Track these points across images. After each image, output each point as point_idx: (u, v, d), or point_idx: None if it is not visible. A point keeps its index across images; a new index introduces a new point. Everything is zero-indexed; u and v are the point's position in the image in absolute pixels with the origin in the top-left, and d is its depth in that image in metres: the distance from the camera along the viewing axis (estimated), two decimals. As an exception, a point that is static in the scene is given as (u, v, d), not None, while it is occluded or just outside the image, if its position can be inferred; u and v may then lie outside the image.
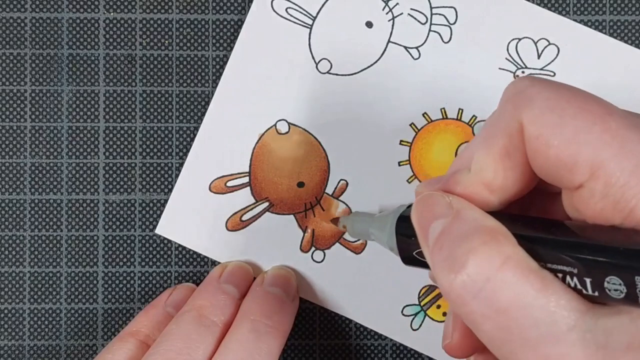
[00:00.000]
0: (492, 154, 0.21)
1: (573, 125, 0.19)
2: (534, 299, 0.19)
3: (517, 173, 0.21)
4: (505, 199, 0.22)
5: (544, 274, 0.19)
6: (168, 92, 0.35)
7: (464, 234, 0.20)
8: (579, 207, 0.20)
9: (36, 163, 0.34)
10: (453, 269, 0.20)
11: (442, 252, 0.21)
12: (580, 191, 0.19)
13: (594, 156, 0.19)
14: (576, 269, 0.19)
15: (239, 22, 0.35)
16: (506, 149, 0.21)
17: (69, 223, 0.34)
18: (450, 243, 0.20)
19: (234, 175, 0.34)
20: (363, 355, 0.35)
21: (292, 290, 0.33)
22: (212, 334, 0.30)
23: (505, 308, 0.19)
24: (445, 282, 0.20)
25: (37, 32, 0.35)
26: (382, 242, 0.28)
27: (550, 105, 0.20)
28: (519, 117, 0.20)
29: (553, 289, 0.19)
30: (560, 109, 0.19)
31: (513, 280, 0.19)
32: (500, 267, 0.19)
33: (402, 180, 0.34)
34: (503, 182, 0.21)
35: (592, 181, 0.19)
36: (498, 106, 0.22)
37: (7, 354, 0.34)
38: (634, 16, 0.34)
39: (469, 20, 0.34)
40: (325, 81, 0.34)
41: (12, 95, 0.34)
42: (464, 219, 0.21)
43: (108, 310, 0.35)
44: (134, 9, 0.35)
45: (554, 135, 0.19)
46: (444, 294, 0.20)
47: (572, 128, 0.19)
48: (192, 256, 0.35)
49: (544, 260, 0.20)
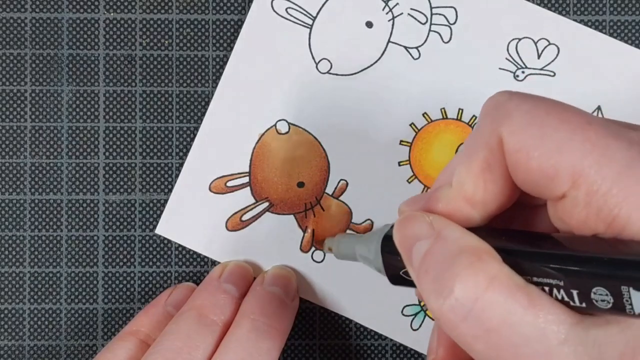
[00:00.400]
0: (472, 168, 0.21)
1: (553, 137, 0.19)
2: (522, 316, 0.19)
3: (499, 186, 0.21)
4: (487, 213, 0.22)
5: (530, 290, 0.19)
6: (168, 92, 0.35)
7: (448, 257, 0.20)
8: (563, 217, 0.20)
9: (36, 163, 0.34)
10: (441, 294, 0.20)
11: (428, 275, 0.21)
12: (564, 201, 0.19)
13: (575, 165, 0.19)
14: (562, 281, 0.19)
15: (239, 22, 0.35)
16: (487, 163, 0.21)
17: (69, 223, 0.34)
18: (435, 266, 0.20)
19: (234, 175, 0.34)
20: (363, 355, 0.35)
21: (292, 290, 0.33)
22: (212, 334, 0.30)
23: (495, 328, 0.19)
24: (434, 307, 0.20)
25: (37, 32, 0.35)
26: (368, 262, 0.27)
27: (529, 118, 0.20)
28: (498, 131, 0.20)
29: (541, 304, 0.19)
30: (540, 121, 0.20)
31: (500, 300, 0.19)
32: (486, 287, 0.19)
33: (402, 180, 0.34)
34: (484, 196, 0.21)
35: (574, 190, 0.19)
36: (477, 121, 0.22)
37: (7, 354, 0.34)
38: (634, 16, 0.35)
39: (469, 20, 0.34)
40: (325, 81, 0.34)
41: (12, 95, 0.34)
42: (446, 239, 0.21)
43: (108, 310, 0.35)
44: (134, 9, 0.35)
45: (535, 147, 0.19)
46: (434, 317, 0.21)
47: (552, 139, 0.19)
48: (192, 256, 0.35)
49: (530, 274, 0.20)
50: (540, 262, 0.19)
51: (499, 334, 0.19)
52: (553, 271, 0.19)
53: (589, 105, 0.34)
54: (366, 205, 0.34)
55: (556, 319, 0.19)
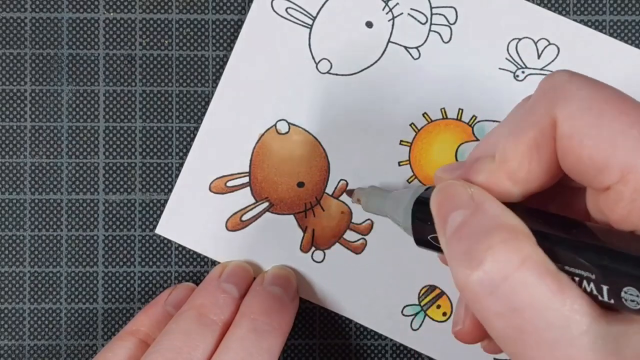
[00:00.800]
0: (520, 146, 0.21)
1: (609, 128, 0.19)
2: (549, 302, 0.19)
3: (543, 167, 0.21)
4: (527, 191, 0.21)
5: (560, 277, 0.19)
6: (168, 92, 0.35)
7: (484, 230, 0.20)
8: (604, 209, 0.20)
9: (36, 163, 0.34)
10: (470, 265, 0.20)
11: (460, 245, 0.20)
12: (608, 193, 0.19)
13: (627, 160, 0.19)
14: (594, 274, 0.19)
15: (239, 22, 0.35)
16: (535, 142, 0.20)
17: (69, 223, 0.34)
18: (469, 237, 0.20)
19: (234, 175, 0.34)
20: (363, 355, 0.35)
21: (292, 290, 0.33)
22: (211, 333, 0.30)
23: (520, 308, 0.19)
24: (461, 276, 0.20)
25: (37, 32, 0.35)
26: (396, 220, 0.27)
27: (588, 105, 0.19)
28: (553, 113, 0.20)
29: (569, 292, 0.19)
30: (598, 109, 0.19)
31: (530, 281, 0.19)
32: (518, 266, 0.19)
33: (402, 180, 0.34)
34: (527, 174, 0.21)
35: (622, 185, 0.19)
36: (532, 97, 0.21)
37: (7, 354, 0.34)
38: (634, 16, 0.35)
39: (469, 20, 0.34)
40: (325, 81, 0.34)
41: (12, 95, 0.35)
42: (484, 213, 0.21)
43: (108, 310, 0.35)
44: (133, 9, 0.35)
45: (589, 135, 0.19)
46: (458, 287, 0.20)
47: (608, 130, 0.19)
48: (192, 256, 0.35)
49: (562, 262, 0.20)
50: (574, 251, 0.19)
51: (522, 315, 0.19)
52: (587, 263, 0.19)
53: (589, 105, 0.34)
54: (366, 205, 0.34)
55: (581, 309, 0.19)
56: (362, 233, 0.34)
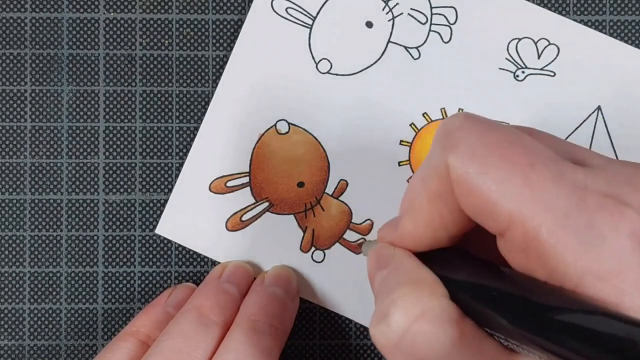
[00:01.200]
0: (426, 196, 0.21)
1: (493, 175, 0.19)
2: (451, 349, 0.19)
3: (454, 213, 0.21)
4: (454, 234, 0.22)
5: (464, 324, 0.20)
6: (168, 92, 0.35)
7: (393, 286, 0.21)
8: (504, 255, 0.20)
9: (36, 163, 0.34)
10: (379, 319, 0.20)
11: (376, 302, 0.21)
12: (505, 239, 0.19)
13: (512, 209, 0.18)
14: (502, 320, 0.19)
15: (239, 22, 0.35)
16: (438, 191, 0.21)
17: (69, 223, 0.34)
18: (381, 294, 0.21)
19: (234, 175, 0.34)
20: (363, 355, 0.35)
21: (293, 290, 0.33)
22: (212, 334, 0.30)
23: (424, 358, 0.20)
24: (371, 331, 0.21)
25: (37, 32, 0.35)
26: None
27: (472, 152, 0.19)
28: (445, 160, 0.20)
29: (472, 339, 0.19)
30: (483, 157, 0.19)
31: (429, 331, 0.19)
32: (417, 318, 0.20)
33: (402, 180, 0.34)
34: (441, 222, 0.21)
35: (511, 232, 0.19)
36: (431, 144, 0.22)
37: (7, 354, 0.34)
38: (634, 16, 0.35)
39: (469, 20, 0.34)
40: (325, 81, 0.34)
41: (12, 95, 0.34)
42: (398, 270, 0.22)
43: (108, 310, 0.35)
44: (134, 9, 0.35)
45: (475, 184, 0.19)
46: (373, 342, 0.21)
47: (492, 178, 0.19)
48: (192, 256, 0.35)
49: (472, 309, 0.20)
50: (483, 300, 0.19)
51: None
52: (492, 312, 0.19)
53: (589, 105, 0.34)
54: (366, 205, 0.34)
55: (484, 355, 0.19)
56: (362, 233, 0.34)
